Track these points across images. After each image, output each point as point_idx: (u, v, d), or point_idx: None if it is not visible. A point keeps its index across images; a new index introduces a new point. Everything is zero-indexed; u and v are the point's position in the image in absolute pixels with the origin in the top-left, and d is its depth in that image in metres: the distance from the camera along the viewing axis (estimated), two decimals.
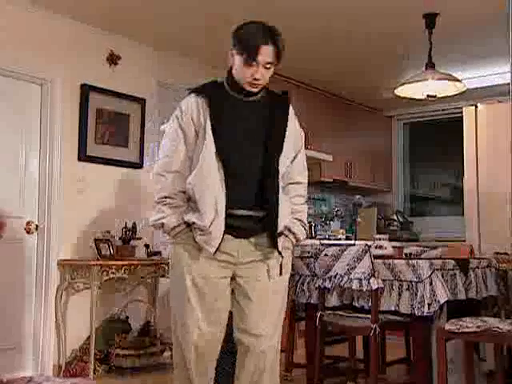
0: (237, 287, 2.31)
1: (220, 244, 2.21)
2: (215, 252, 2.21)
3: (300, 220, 2.40)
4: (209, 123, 2.23)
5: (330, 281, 3.37)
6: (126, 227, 4.62)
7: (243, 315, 2.31)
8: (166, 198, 2.27)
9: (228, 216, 2.21)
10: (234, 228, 2.24)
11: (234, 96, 2.30)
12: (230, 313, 2.35)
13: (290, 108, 2.45)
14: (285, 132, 2.35)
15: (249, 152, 2.27)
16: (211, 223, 2.19)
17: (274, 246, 2.30)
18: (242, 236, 2.27)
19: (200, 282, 2.23)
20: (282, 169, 2.32)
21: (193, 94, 2.33)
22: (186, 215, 2.26)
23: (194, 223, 2.23)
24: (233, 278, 2.31)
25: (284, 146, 2.33)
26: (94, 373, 4.17)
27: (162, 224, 2.27)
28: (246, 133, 2.28)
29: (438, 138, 7.28)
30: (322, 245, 3.71)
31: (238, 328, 2.31)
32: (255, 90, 2.28)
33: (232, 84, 2.30)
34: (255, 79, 2.23)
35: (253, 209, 2.27)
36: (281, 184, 2.33)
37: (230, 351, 2.55)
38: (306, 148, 6.51)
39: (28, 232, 4.34)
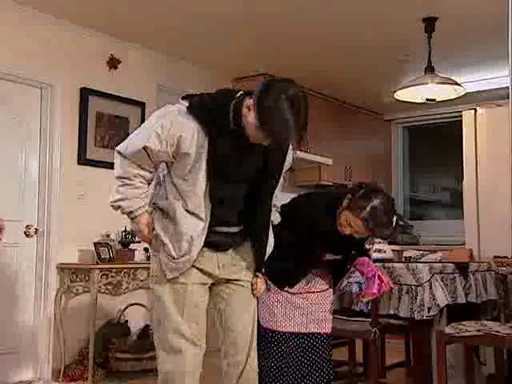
0: (217, 293, 2.32)
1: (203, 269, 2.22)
2: (171, 279, 2.20)
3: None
4: (204, 160, 2.11)
5: None
6: (125, 231, 4.62)
7: (226, 315, 2.32)
8: (124, 178, 2.20)
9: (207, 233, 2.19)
10: (211, 243, 2.21)
11: (236, 131, 2.11)
12: None
13: None
14: (283, 164, 2.30)
15: (240, 185, 2.23)
16: (182, 256, 2.17)
17: (257, 265, 2.34)
18: (218, 250, 2.25)
19: (182, 299, 2.21)
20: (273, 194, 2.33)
21: (189, 116, 2.12)
22: (156, 226, 2.20)
23: (165, 245, 2.18)
24: (213, 285, 2.30)
25: (279, 179, 2.32)
26: (93, 377, 4.16)
27: (120, 206, 2.22)
28: (240, 170, 2.19)
29: (438, 141, 7.28)
30: None
31: (225, 327, 2.31)
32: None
33: (236, 122, 2.11)
34: (263, 144, 2.13)
35: (232, 226, 2.26)
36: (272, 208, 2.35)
37: None
38: (305, 151, 6.50)
39: (27, 235, 4.33)
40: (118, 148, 2.24)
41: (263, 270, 2.39)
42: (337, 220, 2.57)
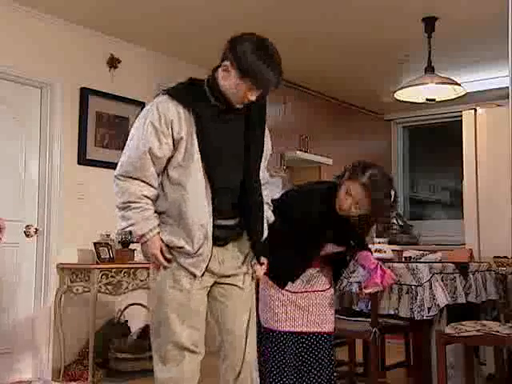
0: (214, 296, 2.30)
1: (210, 260, 2.18)
2: (202, 274, 2.18)
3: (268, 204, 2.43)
4: (195, 140, 2.14)
5: None
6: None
7: (223, 318, 2.30)
8: (129, 202, 2.13)
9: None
10: (214, 238, 2.19)
11: (217, 106, 2.19)
12: None
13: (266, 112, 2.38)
14: (263, 139, 2.33)
15: (233, 165, 2.22)
16: (200, 247, 2.15)
17: (255, 253, 2.31)
18: (220, 244, 2.23)
19: (184, 309, 2.18)
20: (260, 175, 2.33)
21: (171, 100, 2.16)
22: (164, 235, 2.16)
23: (181, 248, 2.15)
24: (213, 285, 2.28)
25: (263, 153, 2.33)
26: (93, 377, 4.16)
27: (130, 232, 2.16)
28: (229, 146, 2.21)
29: (438, 141, 7.28)
30: None
31: (222, 330, 2.30)
32: (241, 106, 2.22)
33: (216, 94, 2.19)
34: (249, 100, 2.18)
35: (230, 218, 2.24)
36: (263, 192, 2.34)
37: None
38: (305, 151, 6.51)
39: (27, 235, 4.33)
40: (116, 172, 2.19)
41: (262, 258, 2.38)
42: (336, 197, 2.59)
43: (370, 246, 2.91)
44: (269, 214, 2.41)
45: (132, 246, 4.64)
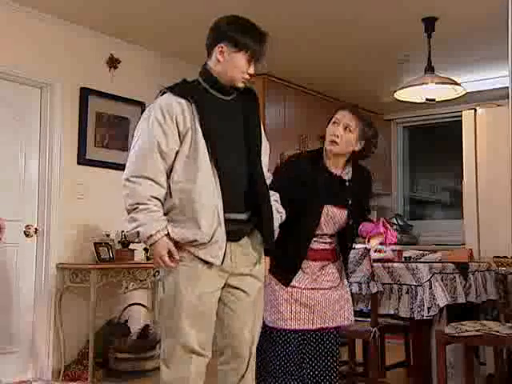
0: (221, 299, 2.27)
1: (225, 252, 2.17)
2: (222, 262, 2.16)
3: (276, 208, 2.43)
4: (199, 130, 2.16)
5: None
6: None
7: (229, 323, 2.28)
8: (137, 204, 2.12)
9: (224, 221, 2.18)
10: (227, 232, 2.18)
11: (215, 95, 2.26)
12: None
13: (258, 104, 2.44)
14: (260, 132, 2.35)
15: (236, 154, 2.25)
16: (214, 233, 2.13)
17: (265, 245, 2.31)
18: (233, 240, 2.22)
19: (196, 311, 2.17)
20: (263, 166, 2.34)
21: (172, 96, 2.21)
22: (175, 232, 2.14)
23: (194, 241, 2.13)
24: (222, 288, 2.25)
25: (262, 143, 2.35)
26: (93, 377, 4.16)
27: (138, 233, 2.12)
28: (230, 134, 2.25)
29: (438, 141, 7.29)
30: None
31: (226, 333, 2.29)
32: (243, 85, 2.29)
33: (212, 82, 2.26)
34: (249, 74, 2.27)
35: (241, 211, 2.24)
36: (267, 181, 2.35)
37: None
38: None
39: (27, 235, 4.33)
40: (124, 176, 2.18)
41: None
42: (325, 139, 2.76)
43: (369, 246, 2.87)
44: (280, 210, 2.40)
45: (132, 246, 4.65)
